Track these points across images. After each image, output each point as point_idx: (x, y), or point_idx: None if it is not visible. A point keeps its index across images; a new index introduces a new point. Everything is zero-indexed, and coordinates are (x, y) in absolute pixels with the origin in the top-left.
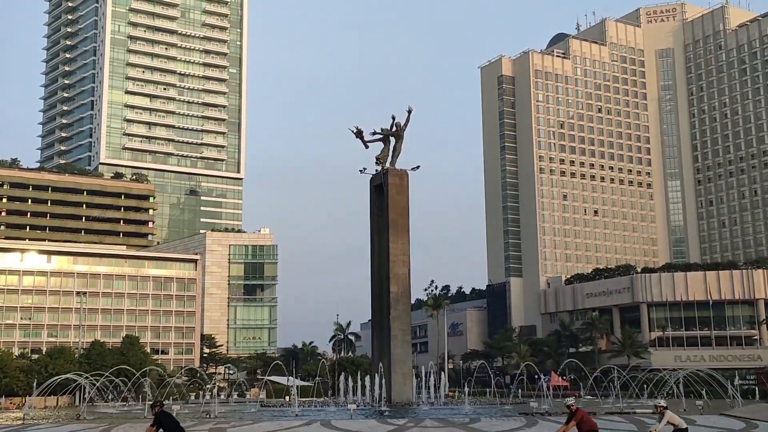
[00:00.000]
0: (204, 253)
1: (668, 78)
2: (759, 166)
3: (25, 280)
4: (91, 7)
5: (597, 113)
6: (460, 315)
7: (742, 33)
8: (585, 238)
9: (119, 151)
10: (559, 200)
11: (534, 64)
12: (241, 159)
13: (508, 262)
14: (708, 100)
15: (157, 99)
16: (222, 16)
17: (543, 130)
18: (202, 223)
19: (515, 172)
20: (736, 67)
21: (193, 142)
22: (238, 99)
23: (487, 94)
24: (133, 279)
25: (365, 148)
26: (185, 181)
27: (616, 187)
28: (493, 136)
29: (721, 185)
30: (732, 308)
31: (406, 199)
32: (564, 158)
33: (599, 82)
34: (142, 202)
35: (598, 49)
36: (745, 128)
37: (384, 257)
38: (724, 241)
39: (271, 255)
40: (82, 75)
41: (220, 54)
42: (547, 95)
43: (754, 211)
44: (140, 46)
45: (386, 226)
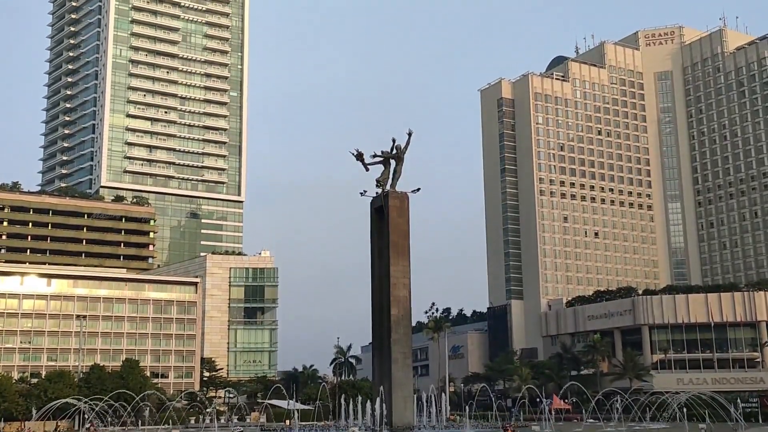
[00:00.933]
0: (204, 276)
1: (667, 100)
2: (759, 188)
3: (25, 304)
4: (93, 32)
5: (597, 135)
6: (461, 338)
7: (740, 56)
8: (586, 260)
9: (120, 174)
10: (559, 222)
11: (534, 87)
12: (241, 182)
13: (508, 284)
14: (707, 122)
15: (158, 122)
16: (223, 40)
17: (543, 152)
18: (202, 245)
19: (516, 194)
20: (734, 90)
21: (194, 165)
22: (238, 122)
23: (487, 117)
24: (133, 302)
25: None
26: (186, 203)
27: (617, 209)
28: (493, 159)
29: (721, 207)
30: (734, 330)
31: (406, 222)
32: (564, 180)
33: (599, 105)
34: (143, 225)
35: (597, 71)
36: (745, 150)
37: (385, 279)
38: (725, 263)
39: (271, 278)
40: (84, 98)
41: (221, 77)
42: (547, 118)
43: (755, 232)
44: (142, 69)
45: (387, 249)
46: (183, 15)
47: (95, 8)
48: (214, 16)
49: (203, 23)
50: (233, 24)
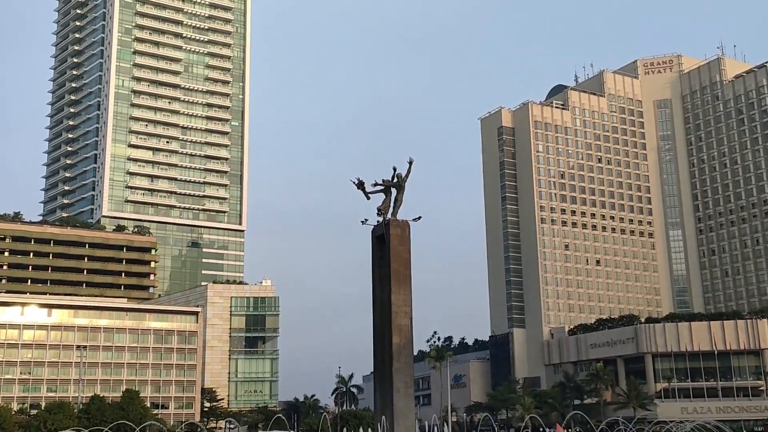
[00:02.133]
0: (205, 305)
1: (667, 128)
2: (760, 215)
3: (25, 334)
4: (96, 63)
5: (597, 163)
6: (463, 367)
7: (739, 84)
8: (587, 287)
9: (122, 203)
10: (560, 250)
11: (533, 116)
12: (243, 211)
13: (510, 312)
14: (707, 150)
15: (160, 152)
16: (224, 70)
17: (544, 180)
18: (203, 275)
19: (516, 222)
20: (734, 118)
21: (196, 194)
22: (240, 151)
23: (487, 145)
24: (133, 332)
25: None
26: (187, 233)
27: (618, 237)
28: (494, 187)
29: (722, 234)
30: (737, 358)
31: (407, 250)
32: (565, 208)
33: (598, 133)
34: (144, 254)
35: (596, 100)
36: (745, 177)
37: (386, 308)
38: (727, 290)
39: (272, 307)
40: (86, 129)
41: (223, 107)
42: (547, 146)
43: (757, 260)
44: (144, 100)
45: (388, 277)
46: (185, 46)
47: (98, 39)
48: (216, 46)
49: (205, 54)
50: (234, 54)
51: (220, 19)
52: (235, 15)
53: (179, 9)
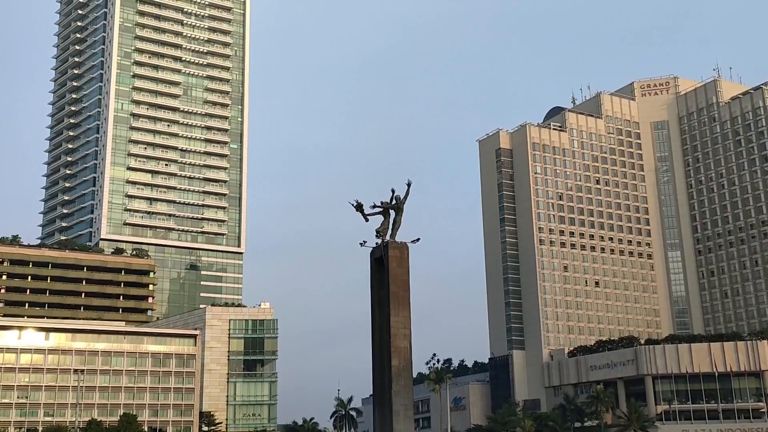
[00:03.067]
0: (204, 328)
1: (664, 150)
2: (759, 236)
3: (22, 358)
4: (95, 86)
5: (595, 185)
6: (462, 389)
7: (735, 106)
8: (587, 309)
9: (120, 226)
10: (560, 272)
11: (531, 137)
12: (241, 233)
13: (510, 334)
14: (705, 171)
15: (159, 174)
16: (223, 93)
17: (542, 201)
18: (202, 297)
19: (515, 244)
20: (731, 139)
21: (194, 216)
22: (239, 174)
23: (485, 167)
24: (131, 355)
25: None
26: (186, 255)
27: (617, 258)
28: (492, 208)
29: (721, 255)
30: (738, 380)
31: (406, 272)
32: (564, 229)
33: (596, 154)
34: (142, 277)
35: (594, 121)
36: (743, 199)
37: (385, 330)
38: (727, 311)
39: (271, 329)
40: (85, 152)
41: (222, 130)
42: (545, 167)
43: (756, 281)
44: (143, 123)
45: (387, 299)
46: (184, 69)
47: (97, 63)
48: (215, 70)
49: (204, 77)
50: (234, 78)
51: (219, 42)
52: (234, 38)
53: (178, 33)
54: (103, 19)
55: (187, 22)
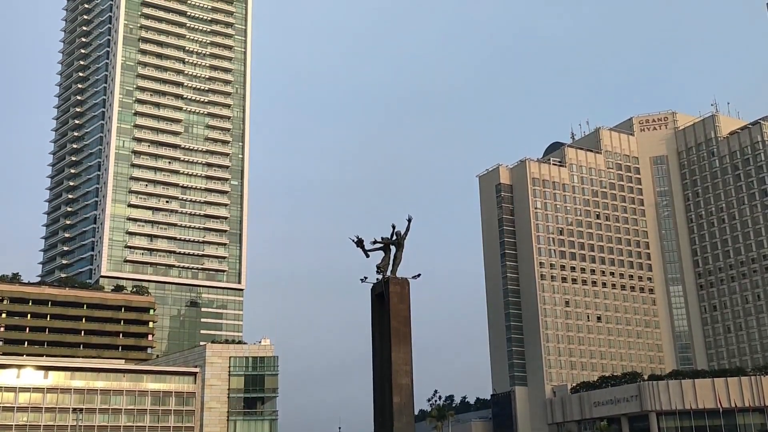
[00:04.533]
0: (204, 365)
1: (664, 184)
2: (760, 270)
3: (21, 397)
4: (97, 124)
5: (596, 219)
6: (465, 426)
7: (734, 140)
8: (589, 344)
9: (120, 263)
10: (561, 307)
11: (531, 173)
12: (242, 269)
13: (512, 370)
14: (705, 206)
15: (160, 211)
16: (224, 130)
17: (543, 236)
18: (202, 334)
19: (516, 279)
20: (730, 173)
21: (195, 253)
22: (239, 210)
23: (486, 202)
24: (131, 394)
25: (366, 257)
26: (186, 292)
27: (618, 293)
28: (493, 243)
29: (723, 290)
30: (743, 416)
31: (407, 308)
32: (565, 264)
33: (596, 189)
34: (143, 314)
35: (593, 156)
36: (744, 233)
37: (386, 367)
38: (730, 346)
39: (271, 366)
40: (86, 189)
41: (222, 167)
42: (545, 202)
43: (759, 315)
44: (144, 160)
45: (388, 335)
46: (185, 107)
47: (99, 101)
48: (216, 107)
49: (205, 114)
50: (234, 114)
51: (220, 80)
52: (235, 76)
53: (179, 71)
54: (106, 57)
55: (189, 60)
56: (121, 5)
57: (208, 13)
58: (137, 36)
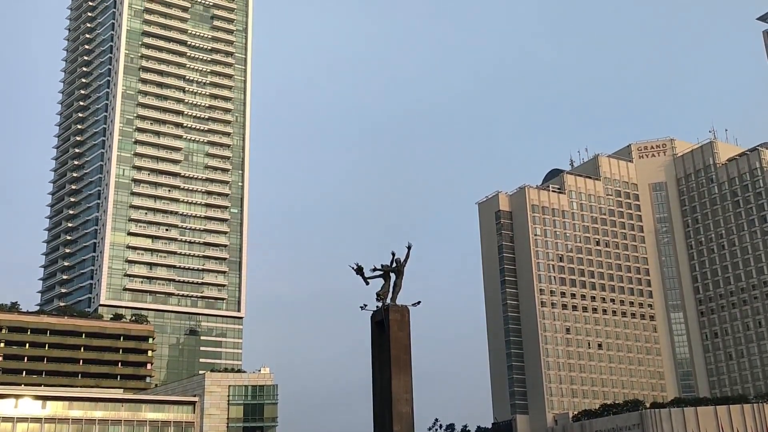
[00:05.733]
0: (203, 394)
1: (663, 211)
2: (761, 297)
3: (19, 428)
4: (97, 153)
5: (595, 246)
6: None
7: (732, 167)
8: (590, 372)
9: (120, 292)
10: (562, 334)
11: (530, 199)
12: (241, 298)
13: (513, 398)
14: (704, 232)
15: (159, 240)
16: (224, 158)
17: (543, 263)
18: (201, 363)
19: (516, 306)
20: (729, 200)
21: (194, 281)
22: (239, 238)
23: (485, 229)
24: (129, 423)
25: (366, 284)
26: (185, 320)
27: (619, 320)
28: (493, 270)
29: (724, 316)
30: None
31: (407, 336)
32: (565, 291)
33: (595, 216)
34: (141, 343)
35: (592, 183)
36: (744, 259)
37: (386, 395)
38: (732, 373)
39: (271, 395)
40: (86, 218)
41: (222, 195)
42: (545, 229)
43: (760, 342)
44: (144, 188)
45: (388, 363)
46: (185, 135)
47: (99, 130)
48: (216, 135)
49: (205, 142)
50: (234, 142)
51: (220, 108)
52: (235, 104)
53: (180, 99)
54: (106, 86)
55: (189, 89)
56: (122, 35)
57: (209, 42)
58: (138, 65)
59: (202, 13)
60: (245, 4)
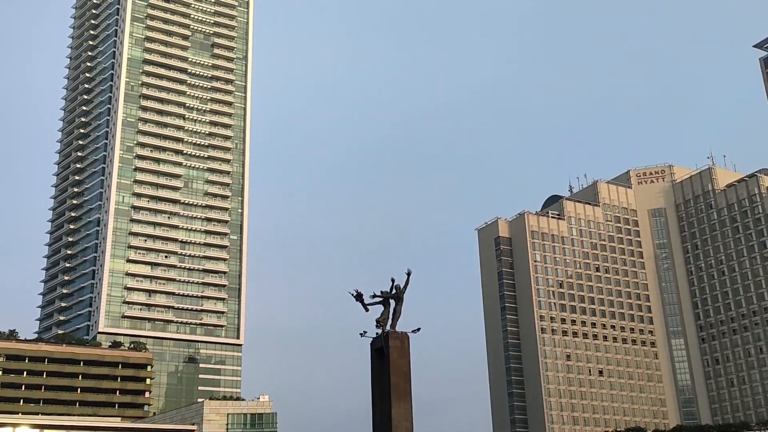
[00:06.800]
0: (201, 423)
1: (662, 236)
2: (762, 323)
3: None
4: (97, 180)
5: (595, 272)
6: None
7: (731, 193)
8: (592, 399)
9: (118, 319)
10: (562, 360)
11: (530, 226)
12: (240, 325)
13: (514, 425)
14: (704, 258)
15: (158, 267)
16: (224, 185)
17: (542, 289)
18: (200, 391)
19: (517, 332)
20: (728, 225)
21: (193, 308)
22: (238, 265)
23: (485, 255)
24: None
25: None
26: (184, 348)
27: (620, 346)
28: (493, 296)
29: (725, 343)
30: None
31: (407, 363)
32: (565, 317)
33: (595, 242)
34: (140, 371)
35: (591, 209)
36: (744, 285)
37: (386, 423)
38: (734, 400)
39: (270, 423)
40: (85, 245)
41: (222, 222)
42: (545, 255)
43: (762, 369)
44: (143, 215)
45: (388, 391)
46: (185, 162)
47: (99, 157)
48: (216, 162)
49: (205, 169)
50: (234, 170)
51: (220, 136)
52: (235, 132)
53: (180, 127)
54: (107, 114)
55: (189, 117)
56: (123, 63)
57: (209, 70)
58: (138, 93)
59: (203, 41)
60: (245, 33)
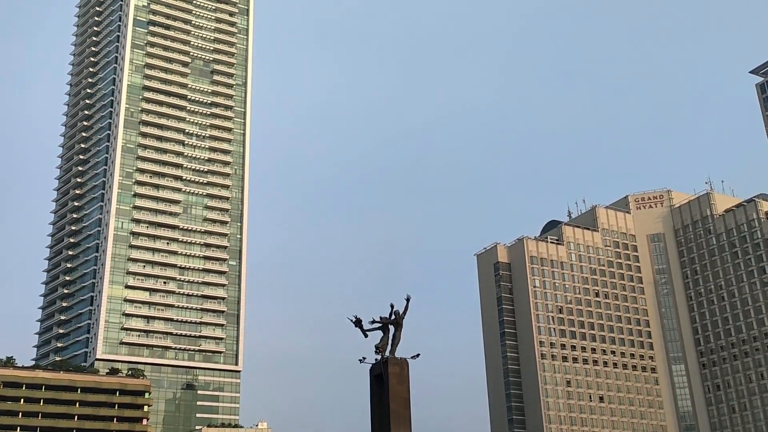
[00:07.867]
0: None
1: (662, 262)
2: (762, 349)
3: None
4: (96, 206)
5: (595, 297)
6: None
7: (730, 218)
8: (592, 425)
9: (116, 346)
10: (563, 387)
11: (529, 251)
12: (239, 351)
13: None
14: (704, 283)
15: (157, 293)
16: (223, 210)
17: (542, 315)
18: (198, 418)
19: (516, 358)
20: (727, 251)
21: (192, 334)
22: (237, 291)
23: (484, 281)
24: None
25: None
26: (182, 374)
27: (620, 372)
28: (492, 322)
29: (726, 369)
30: None
31: (407, 389)
32: (565, 343)
33: (594, 267)
34: (137, 398)
35: (590, 234)
36: (744, 310)
37: None
38: (735, 427)
39: None
40: (84, 271)
41: (221, 247)
42: (544, 281)
43: (763, 395)
44: (142, 241)
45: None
46: (185, 188)
47: (99, 183)
48: (215, 188)
49: (204, 195)
50: (233, 195)
51: (219, 161)
52: (234, 157)
53: (179, 153)
54: (106, 140)
55: (188, 143)
56: (123, 90)
57: (208, 96)
58: (138, 119)
59: (202, 68)
60: (244, 59)
